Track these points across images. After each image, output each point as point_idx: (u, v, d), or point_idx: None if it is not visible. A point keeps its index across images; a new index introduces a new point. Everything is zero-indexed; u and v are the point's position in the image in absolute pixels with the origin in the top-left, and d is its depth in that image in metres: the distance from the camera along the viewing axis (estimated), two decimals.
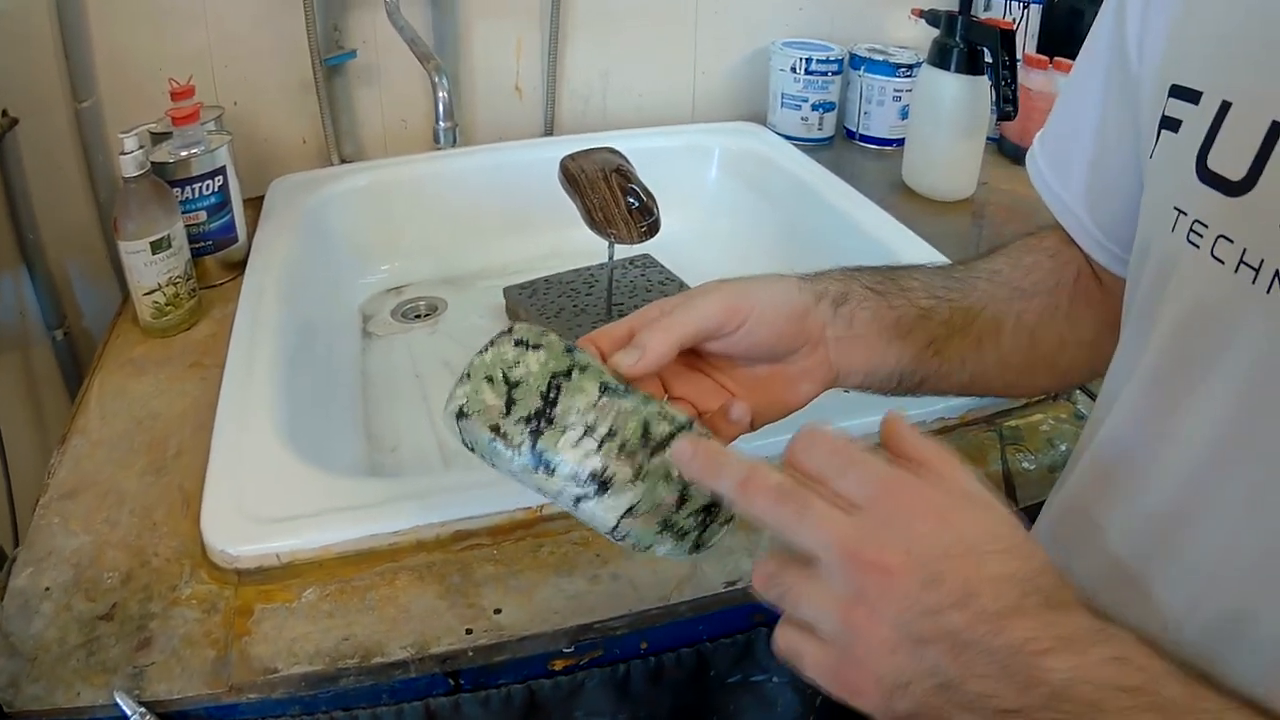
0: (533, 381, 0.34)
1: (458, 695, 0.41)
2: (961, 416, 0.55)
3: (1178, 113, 0.30)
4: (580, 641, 0.42)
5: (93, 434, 0.55)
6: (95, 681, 0.40)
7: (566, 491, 0.33)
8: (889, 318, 0.40)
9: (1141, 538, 0.32)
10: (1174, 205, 0.29)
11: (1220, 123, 0.28)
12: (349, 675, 0.40)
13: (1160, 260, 0.31)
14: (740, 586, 0.44)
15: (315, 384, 0.61)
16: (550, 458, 0.33)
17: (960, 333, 0.41)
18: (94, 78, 0.74)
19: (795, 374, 0.39)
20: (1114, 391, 0.36)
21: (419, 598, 0.43)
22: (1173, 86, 0.30)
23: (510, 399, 0.34)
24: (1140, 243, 0.34)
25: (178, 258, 0.62)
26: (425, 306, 0.78)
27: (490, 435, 0.34)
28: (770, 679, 0.48)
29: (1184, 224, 0.29)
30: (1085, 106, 0.39)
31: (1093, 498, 0.35)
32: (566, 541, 0.46)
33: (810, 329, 0.38)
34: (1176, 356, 0.30)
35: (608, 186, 0.64)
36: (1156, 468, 0.31)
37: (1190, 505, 0.30)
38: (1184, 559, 0.30)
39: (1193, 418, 0.29)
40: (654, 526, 0.33)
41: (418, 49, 0.67)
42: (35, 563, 0.46)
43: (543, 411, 0.34)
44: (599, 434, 0.33)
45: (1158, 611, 0.31)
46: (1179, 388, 0.30)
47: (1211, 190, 0.28)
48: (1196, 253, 0.28)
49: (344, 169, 0.81)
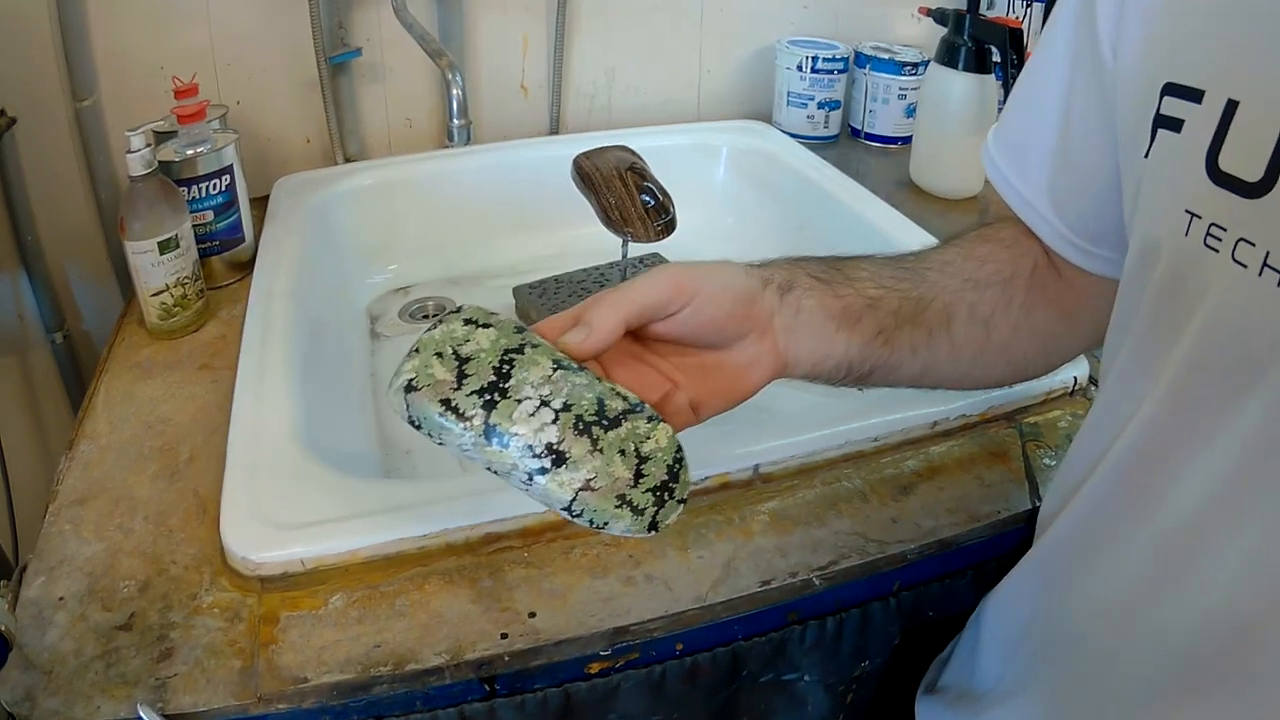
0: (484, 357, 0.34)
1: (493, 701, 0.41)
2: (982, 414, 0.55)
3: (1177, 111, 0.29)
4: (617, 644, 0.41)
5: (101, 439, 0.54)
6: (116, 694, 0.39)
7: (521, 466, 0.33)
8: (835, 306, 0.40)
9: (1163, 551, 0.32)
10: (1185, 208, 0.29)
11: (1229, 122, 0.27)
12: (382, 683, 0.39)
13: (1174, 265, 0.30)
14: (775, 585, 0.44)
15: (327, 386, 0.60)
16: (504, 430, 0.32)
17: (910, 322, 0.41)
18: (94, 76, 0.72)
19: (743, 361, 0.38)
20: (1117, 400, 0.34)
21: (450, 602, 0.42)
22: (1167, 84, 0.29)
23: (462, 373, 0.33)
24: (1143, 245, 0.32)
25: (186, 258, 0.61)
26: (433, 307, 0.77)
27: (440, 409, 0.33)
28: (802, 678, 0.48)
29: (1199, 227, 0.28)
30: (1046, 103, 0.39)
31: (1113, 508, 0.35)
32: (598, 543, 0.45)
33: (757, 314, 0.38)
34: (1204, 366, 0.29)
35: (623, 184, 0.64)
36: (1184, 478, 0.30)
37: (1218, 519, 0.29)
38: (1207, 571, 0.30)
39: (1223, 427, 0.28)
40: (611, 502, 0.33)
41: (428, 46, 0.66)
42: (47, 571, 0.45)
43: (496, 385, 0.33)
44: (554, 406, 0.33)
45: (1176, 624, 0.31)
46: (1208, 397, 0.29)
47: (1227, 192, 0.27)
48: (1216, 257, 0.28)
49: (349, 168, 0.80)
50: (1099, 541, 0.35)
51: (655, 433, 0.34)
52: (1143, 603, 0.32)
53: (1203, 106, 0.28)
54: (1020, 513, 0.49)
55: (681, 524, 0.47)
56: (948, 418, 0.54)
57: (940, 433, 0.54)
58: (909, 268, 0.42)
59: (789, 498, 0.49)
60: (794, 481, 0.50)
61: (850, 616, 0.46)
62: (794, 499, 0.49)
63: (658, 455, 0.34)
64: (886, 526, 0.47)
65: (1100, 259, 0.41)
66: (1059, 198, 0.40)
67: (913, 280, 0.41)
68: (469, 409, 0.33)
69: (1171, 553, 0.31)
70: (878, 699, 0.51)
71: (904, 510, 0.48)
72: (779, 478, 0.50)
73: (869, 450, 0.52)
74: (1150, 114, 0.30)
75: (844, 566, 0.45)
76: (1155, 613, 0.32)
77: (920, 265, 0.42)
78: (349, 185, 0.77)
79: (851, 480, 0.50)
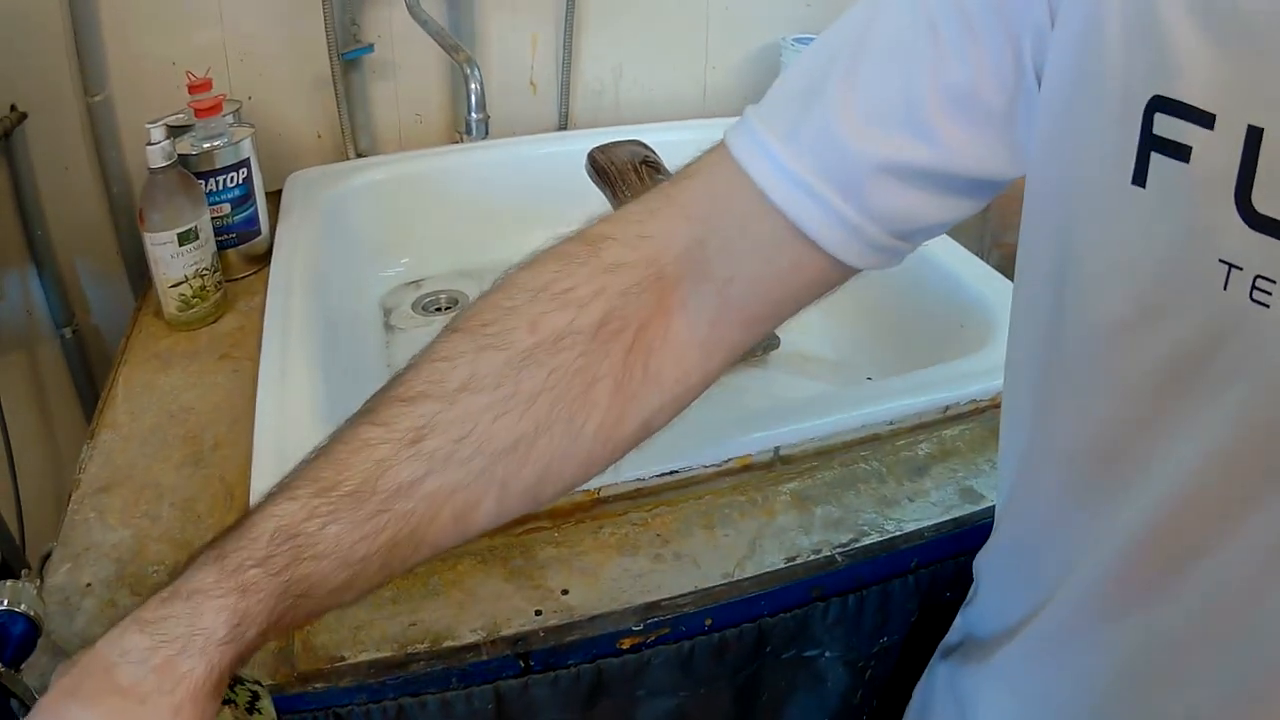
0: None
1: (527, 677, 0.41)
2: (993, 399, 0.57)
3: (1180, 135, 0.25)
4: (649, 619, 0.42)
5: (123, 428, 0.54)
6: None
7: None
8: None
9: (1174, 645, 0.29)
10: (1219, 258, 0.24)
11: (1255, 154, 0.23)
12: (419, 660, 0.40)
13: (1204, 322, 0.25)
14: (799, 562, 0.45)
15: (345, 377, 0.60)
16: None
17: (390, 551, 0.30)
18: (106, 71, 0.73)
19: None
20: (1103, 489, 0.30)
21: (484, 581, 0.42)
22: (1157, 99, 0.25)
23: None
24: (1147, 294, 0.27)
25: (204, 250, 0.61)
26: (446, 299, 0.78)
27: None
28: (823, 654, 0.49)
29: (1241, 281, 0.24)
30: (892, 78, 0.30)
31: (1110, 605, 0.30)
32: (626, 523, 0.46)
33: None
34: (1263, 435, 0.25)
35: (638, 177, 0.65)
36: (1214, 564, 0.27)
37: (1247, 613, 0.26)
38: (1231, 669, 0.27)
39: (1269, 506, 0.25)
40: None
41: (445, 41, 0.67)
42: (73, 558, 0.45)
43: None
44: None
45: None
46: (1260, 470, 0.25)
47: (1269, 238, 0.23)
48: (1267, 313, 0.24)
49: (361, 163, 0.80)
50: (1084, 644, 0.32)
51: None
52: (1139, 697, 0.30)
53: (1216, 133, 0.24)
54: None
55: (705, 504, 0.48)
56: (959, 402, 0.55)
57: (952, 416, 0.55)
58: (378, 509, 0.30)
59: (809, 479, 0.50)
60: (813, 463, 0.51)
61: (870, 593, 0.48)
62: (814, 480, 0.50)
63: None
64: (904, 506, 0.49)
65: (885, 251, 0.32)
66: (878, 185, 0.30)
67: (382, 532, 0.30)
68: None
69: (1181, 652, 0.28)
70: (895, 676, 0.52)
71: (920, 490, 0.50)
72: (798, 459, 0.51)
73: (884, 433, 0.53)
74: (1134, 132, 0.26)
75: (864, 544, 0.46)
76: (1180, 682, 0.29)
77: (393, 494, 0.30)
78: (362, 180, 0.77)
79: (868, 462, 0.51)
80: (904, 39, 0.30)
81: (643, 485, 0.48)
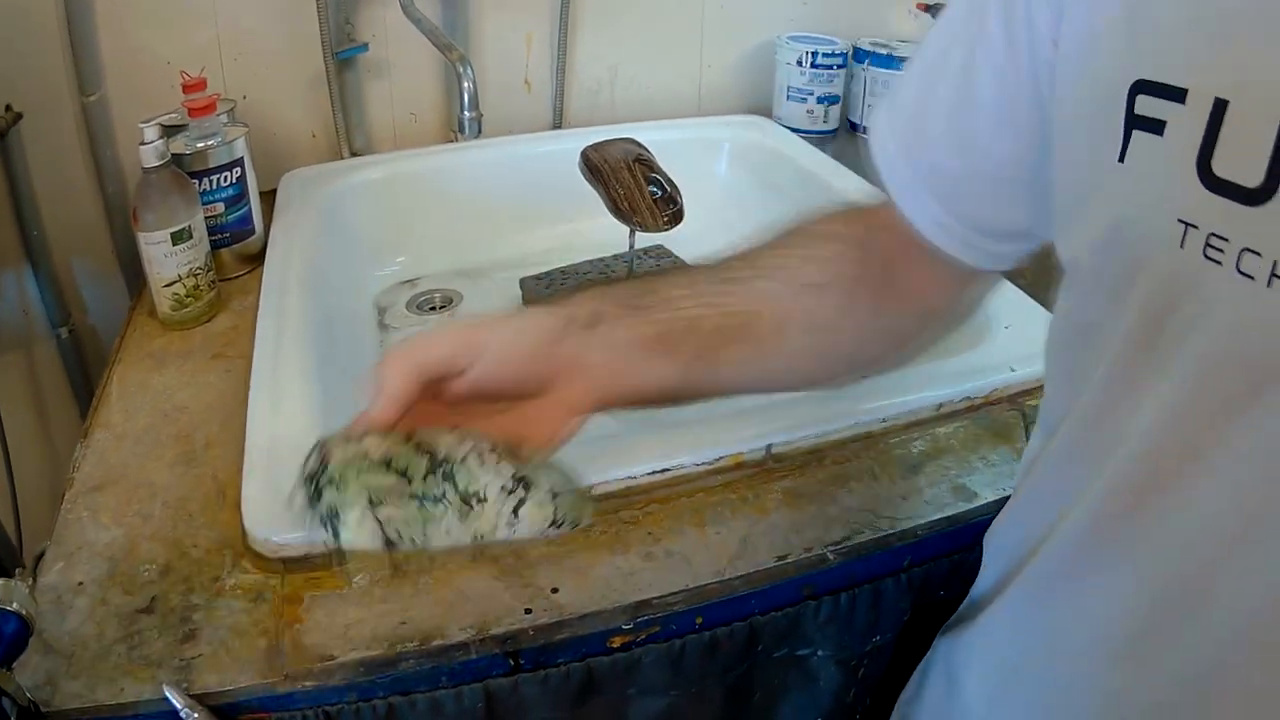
0: (397, 448, 0.33)
1: (517, 675, 0.41)
2: (986, 396, 0.57)
3: (1157, 112, 0.27)
4: (639, 618, 0.42)
5: (116, 427, 0.54)
6: (140, 676, 0.39)
7: (505, 508, 0.32)
8: (649, 333, 0.37)
9: (1166, 582, 0.30)
10: (1178, 218, 0.26)
11: (1219, 123, 0.25)
12: (409, 659, 0.39)
13: (1166, 280, 0.28)
14: (790, 560, 0.44)
15: (338, 376, 0.61)
16: (475, 488, 0.32)
17: (736, 340, 0.38)
18: (101, 71, 0.73)
19: (553, 407, 0.36)
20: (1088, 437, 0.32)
21: (474, 580, 0.42)
22: (1139, 82, 0.27)
23: (398, 469, 0.32)
24: (1121, 257, 0.29)
25: (198, 249, 0.61)
26: (441, 299, 0.78)
27: (417, 505, 0.32)
28: (815, 653, 0.48)
29: (1196, 238, 0.26)
30: (947, 86, 0.35)
31: (1099, 545, 0.32)
32: (617, 521, 0.46)
33: (560, 357, 0.36)
34: (1207, 385, 0.27)
35: (631, 175, 0.65)
36: (1190, 505, 0.28)
37: (1227, 544, 0.28)
38: (1217, 600, 0.28)
39: (1228, 446, 0.27)
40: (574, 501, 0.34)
41: (438, 40, 0.67)
42: (66, 557, 0.45)
43: (435, 461, 0.32)
44: (488, 450, 0.33)
45: (1181, 654, 0.29)
46: (1213, 415, 0.27)
47: (1224, 199, 0.25)
48: (1220, 270, 0.25)
49: (356, 162, 0.80)
50: (1081, 586, 0.33)
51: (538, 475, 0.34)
52: (1138, 650, 0.31)
53: (1187, 107, 0.26)
54: None
55: (698, 502, 0.48)
56: (952, 400, 0.55)
57: (945, 414, 0.55)
58: (736, 278, 0.40)
59: (801, 477, 0.50)
60: (805, 461, 0.51)
61: (863, 592, 0.47)
62: (806, 478, 0.50)
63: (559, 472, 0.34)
64: (896, 504, 0.48)
65: (986, 251, 0.38)
66: (949, 186, 0.36)
67: (739, 293, 0.39)
68: (436, 488, 0.32)
69: (1170, 595, 0.29)
70: (888, 675, 0.52)
71: (913, 488, 0.50)
72: (791, 457, 0.51)
73: (877, 431, 0.53)
74: (1119, 114, 0.28)
75: (856, 542, 0.46)
76: (1153, 659, 0.30)
77: (750, 273, 0.40)
78: (356, 179, 0.77)
79: (861, 460, 0.51)
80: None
81: (634, 483, 0.48)
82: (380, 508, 0.32)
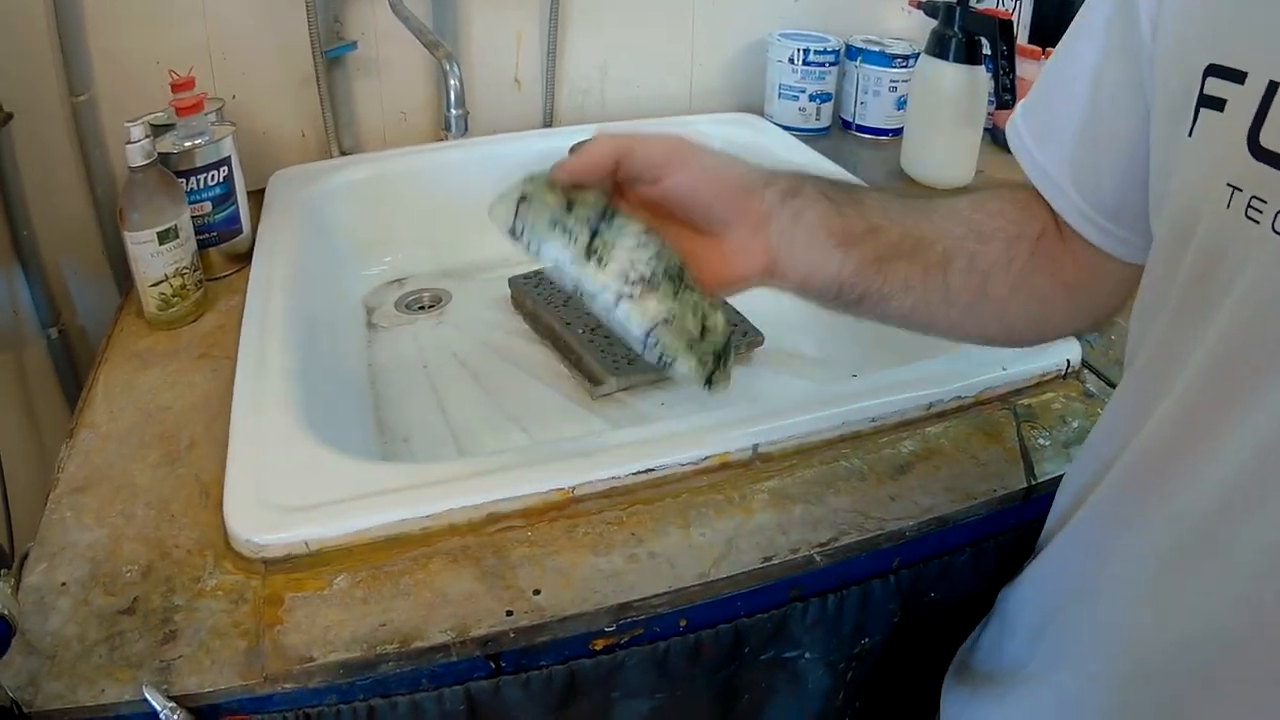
0: (590, 199, 0.38)
1: (498, 678, 0.41)
2: (976, 396, 0.56)
3: (1220, 92, 0.30)
4: (622, 620, 0.41)
5: (101, 428, 0.54)
6: (120, 677, 0.39)
7: (611, 288, 0.36)
8: (836, 224, 0.40)
9: (1189, 535, 0.32)
10: (1227, 182, 0.29)
11: (1270, 102, 0.28)
12: (388, 661, 0.39)
13: (1212, 238, 0.30)
14: (776, 561, 0.44)
15: (325, 375, 0.60)
16: (605, 252, 0.36)
17: (908, 257, 0.41)
18: (90, 71, 0.72)
19: (731, 250, 0.39)
20: (1144, 386, 0.35)
21: (455, 581, 0.42)
22: (1211, 66, 0.30)
23: (570, 203, 0.37)
24: (1179, 221, 0.33)
25: (185, 249, 0.61)
26: (429, 298, 0.77)
27: (550, 222, 0.37)
28: (802, 655, 0.48)
29: (1240, 200, 0.29)
30: (1077, 77, 0.39)
31: (1138, 494, 0.35)
32: (600, 522, 0.45)
33: (751, 208, 0.39)
34: (1240, 340, 0.29)
35: None
36: (1218, 457, 0.30)
37: (1245, 501, 0.29)
38: (1234, 557, 0.30)
39: (1258, 403, 0.29)
40: (683, 342, 0.37)
41: (425, 38, 0.67)
42: (49, 558, 0.45)
43: (603, 216, 0.37)
44: (650, 250, 0.37)
45: (1200, 609, 0.31)
46: (1243, 372, 0.29)
47: (1268, 167, 0.28)
48: (1257, 229, 0.28)
49: (344, 161, 0.80)
50: (1121, 527, 0.36)
51: (716, 314, 0.39)
52: (1167, 588, 0.33)
53: (1245, 87, 0.29)
54: (1016, 491, 0.50)
55: (682, 502, 0.47)
56: (942, 399, 0.55)
57: (935, 414, 0.55)
58: (917, 207, 0.43)
59: (788, 477, 0.49)
60: (793, 461, 0.50)
61: (851, 593, 0.47)
62: (793, 478, 0.49)
63: (716, 330, 0.38)
64: (885, 504, 0.48)
65: (1114, 237, 0.41)
66: (1080, 172, 0.40)
67: (918, 218, 0.42)
68: (577, 229, 0.37)
69: (1198, 537, 0.31)
70: (877, 677, 0.52)
71: (902, 489, 0.49)
72: (778, 458, 0.51)
73: (866, 431, 0.53)
74: (1193, 94, 0.31)
75: (844, 543, 0.45)
76: (1180, 597, 0.32)
77: (929, 206, 0.43)
78: (345, 178, 0.77)
79: (850, 460, 0.51)
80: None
81: (617, 484, 0.47)
82: (526, 203, 0.37)
